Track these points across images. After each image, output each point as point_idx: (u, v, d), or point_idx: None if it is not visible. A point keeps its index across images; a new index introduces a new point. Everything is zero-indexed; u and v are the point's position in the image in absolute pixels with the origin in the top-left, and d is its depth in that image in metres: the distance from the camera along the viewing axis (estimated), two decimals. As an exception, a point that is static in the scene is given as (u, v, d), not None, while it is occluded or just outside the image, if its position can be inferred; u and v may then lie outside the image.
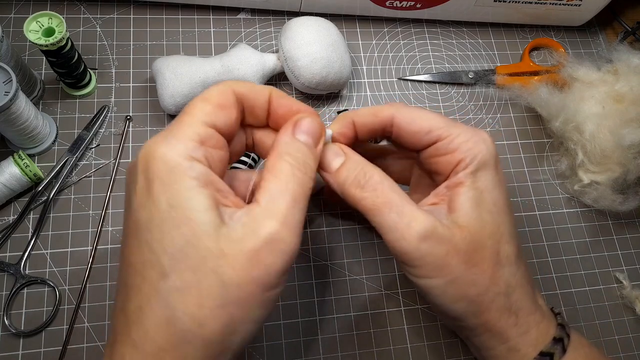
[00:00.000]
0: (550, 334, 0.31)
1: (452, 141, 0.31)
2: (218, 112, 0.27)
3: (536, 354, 0.30)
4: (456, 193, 0.30)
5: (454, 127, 0.31)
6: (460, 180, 0.30)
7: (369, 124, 0.33)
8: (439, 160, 0.32)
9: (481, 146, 0.31)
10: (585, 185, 0.46)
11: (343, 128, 0.33)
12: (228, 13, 0.50)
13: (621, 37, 0.56)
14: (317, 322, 0.40)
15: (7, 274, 0.38)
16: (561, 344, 0.31)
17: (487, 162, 0.31)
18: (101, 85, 0.45)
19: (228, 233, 0.24)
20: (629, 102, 0.44)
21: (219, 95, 0.28)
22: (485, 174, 0.31)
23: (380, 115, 0.32)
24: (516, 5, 0.51)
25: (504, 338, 0.31)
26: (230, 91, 0.28)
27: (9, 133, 0.39)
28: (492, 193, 0.31)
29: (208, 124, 0.26)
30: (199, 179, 0.25)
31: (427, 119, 0.31)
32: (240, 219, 0.25)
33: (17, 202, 0.40)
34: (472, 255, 0.29)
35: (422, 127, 0.31)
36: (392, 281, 0.42)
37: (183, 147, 0.25)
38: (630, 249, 0.47)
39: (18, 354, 0.36)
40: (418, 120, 0.32)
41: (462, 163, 0.30)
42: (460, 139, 0.31)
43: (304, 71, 0.43)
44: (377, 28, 0.53)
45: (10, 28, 0.46)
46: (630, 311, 0.45)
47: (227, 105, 0.28)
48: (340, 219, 0.44)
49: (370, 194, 0.30)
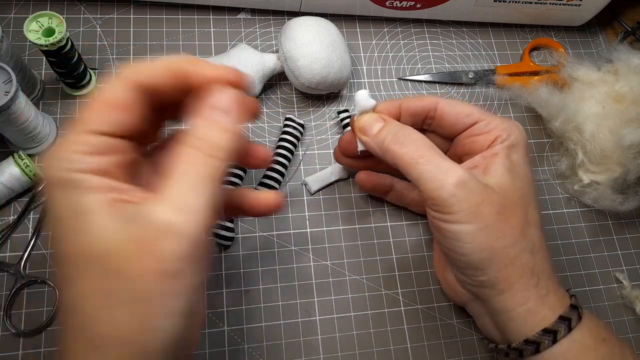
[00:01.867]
0: (566, 301, 0.34)
1: (489, 123, 0.36)
2: (109, 116, 0.24)
3: (555, 318, 0.32)
4: (492, 161, 0.34)
5: (489, 115, 0.36)
6: (496, 152, 0.35)
7: (413, 107, 0.37)
8: (476, 140, 0.36)
9: (514, 129, 0.36)
10: (585, 185, 0.46)
11: (387, 105, 0.37)
12: (228, 13, 0.50)
13: (621, 37, 0.56)
14: (317, 322, 0.40)
15: (7, 274, 0.38)
16: (577, 312, 0.33)
17: (519, 143, 0.35)
18: (101, 85, 0.45)
19: (126, 228, 0.23)
20: (629, 102, 0.44)
21: (110, 94, 0.24)
22: (517, 151, 0.35)
23: (426, 102, 0.37)
24: (516, 5, 0.51)
25: (525, 299, 0.32)
26: (126, 86, 0.25)
27: (9, 133, 0.39)
28: (522, 167, 0.35)
29: (98, 131, 0.24)
30: (92, 187, 0.23)
31: (466, 106, 0.37)
32: (140, 211, 0.23)
33: (17, 202, 0.40)
34: (505, 209, 0.33)
35: (463, 110, 0.37)
36: (392, 281, 0.43)
37: (70, 161, 0.23)
38: (630, 249, 0.47)
39: (18, 354, 0.36)
40: (459, 106, 0.37)
41: (499, 139, 0.35)
42: (496, 122, 0.36)
43: (304, 71, 0.43)
44: (377, 28, 0.53)
45: (10, 28, 0.46)
46: (630, 311, 0.45)
47: (121, 105, 0.24)
48: (340, 219, 0.44)
49: (409, 148, 0.33)
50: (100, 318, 0.23)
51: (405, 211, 0.45)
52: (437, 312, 0.42)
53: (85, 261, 0.23)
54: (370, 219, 0.44)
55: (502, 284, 0.33)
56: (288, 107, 0.48)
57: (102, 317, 0.23)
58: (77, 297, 0.23)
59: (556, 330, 0.32)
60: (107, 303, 0.23)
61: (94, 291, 0.23)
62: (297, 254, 0.42)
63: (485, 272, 0.33)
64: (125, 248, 0.23)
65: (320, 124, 0.47)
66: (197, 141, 0.25)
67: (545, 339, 0.32)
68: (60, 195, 0.23)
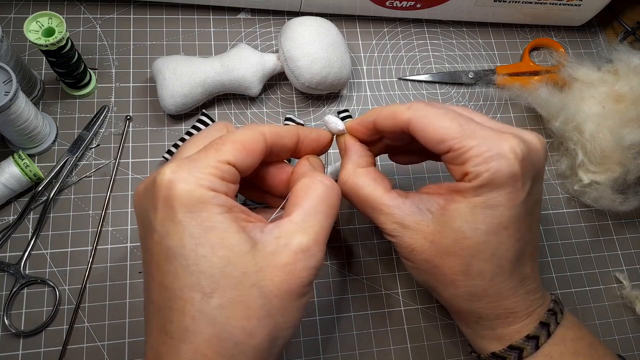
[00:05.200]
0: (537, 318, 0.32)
1: (462, 154, 0.29)
2: (244, 155, 0.29)
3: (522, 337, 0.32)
4: (451, 199, 0.31)
5: (469, 139, 0.29)
6: (460, 190, 0.30)
7: (389, 126, 0.33)
8: (451, 168, 0.31)
9: (492, 163, 0.28)
10: (585, 185, 0.46)
11: (358, 125, 0.35)
12: (228, 13, 0.50)
13: (621, 37, 0.56)
14: (317, 322, 0.40)
15: (7, 274, 0.38)
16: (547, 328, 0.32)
17: (495, 181, 0.29)
18: (101, 85, 0.45)
19: (262, 248, 0.27)
20: (629, 102, 0.44)
21: (250, 140, 0.29)
22: (490, 192, 0.29)
23: (398, 120, 0.32)
24: (516, 5, 0.51)
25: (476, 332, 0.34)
26: (262, 139, 0.30)
27: (9, 133, 0.39)
28: (490, 211, 0.29)
29: (230, 163, 0.28)
30: (224, 206, 0.26)
31: (441, 127, 0.30)
32: (271, 232, 0.27)
33: (17, 202, 0.40)
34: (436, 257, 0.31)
35: (435, 136, 0.30)
36: (392, 281, 0.43)
37: (206, 179, 0.26)
38: (630, 249, 0.47)
39: (18, 354, 0.36)
40: (432, 127, 0.30)
41: (468, 176, 0.29)
42: (471, 153, 0.29)
43: (304, 71, 0.43)
44: (377, 28, 0.53)
45: (10, 28, 0.46)
46: (630, 311, 0.45)
47: (254, 151, 0.29)
48: (340, 219, 0.44)
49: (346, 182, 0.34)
50: (237, 327, 0.25)
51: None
52: (437, 312, 0.42)
53: (230, 278, 0.26)
54: (370, 219, 0.44)
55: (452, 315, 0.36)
56: (288, 107, 0.48)
57: (240, 326, 0.25)
58: (209, 309, 0.25)
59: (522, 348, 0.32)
60: (247, 314, 0.25)
61: (233, 304, 0.25)
62: (297, 254, 0.42)
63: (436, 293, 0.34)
64: (268, 269, 0.26)
65: (320, 124, 0.47)
66: (327, 182, 0.30)
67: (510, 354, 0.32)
68: (188, 208, 0.26)
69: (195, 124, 0.44)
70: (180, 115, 0.45)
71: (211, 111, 0.46)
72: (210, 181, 0.26)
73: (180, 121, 0.45)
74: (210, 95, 0.44)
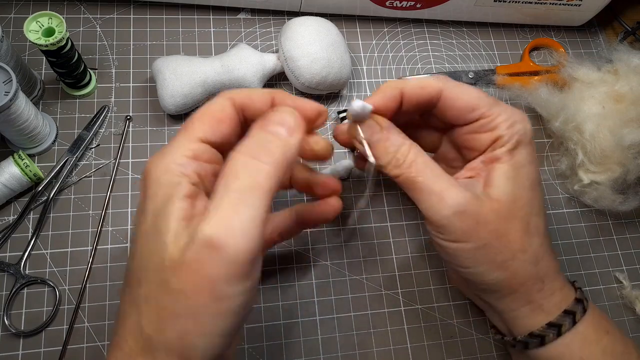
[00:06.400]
0: (572, 296, 0.34)
1: (493, 120, 0.32)
2: (214, 126, 0.27)
3: (560, 312, 0.33)
4: (493, 169, 0.32)
5: (495, 106, 0.32)
6: (498, 157, 0.32)
7: (416, 96, 0.33)
8: (478, 137, 0.33)
9: (519, 126, 0.32)
10: (585, 185, 0.46)
11: (388, 100, 0.33)
12: (228, 13, 0.50)
13: (621, 37, 0.56)
14: (317, 322, 0.40)
15: (7, 274, 0.38)
16: (582, 305, 0.33)
17: (523, 141, 0.32)
18: (101, 85, 0.45)
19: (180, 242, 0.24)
20: (629, 102, 0.44)
21: (216, 109, 0.28)
22: (521, 152, 0.32)
23: (429, 89, 0.33)
24: (516, 5, 0.51)
25: (528, 301, 0.33)
26: (228, 103, 0.28)
27: (9, 133, 0.39)
28: (526, 168, 0.32)
29: (202, 140, 0.27)
30: (183, 193, 0.25)
31: (472, 96, 0.33)
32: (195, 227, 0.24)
33: (17, 202, 0.40)
34: (502, 225, 0.31)
35: (469, 104, 0.32)
36: (392, 281, 0.43)
37: (173, 163, 0.26)
38: (630, 249, 0.47)
39: (18, 354, 0.36)
40: (465, 96, 0.33)
41: (500, 140, 0.32)
42: (500, 119, 0.32)
43: (304, 71, 0.43)
44: (377, 28, 0.53)
45: (10, 28, 0.46)
46: (630, 311, 0.45)
47: (223, 119, 0.28)
48: (340, 219, 0.44)
49: (405, 170, 0.31)
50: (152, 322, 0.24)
51: (405, 211, 0.45)
52: (437, 312, 0.42)
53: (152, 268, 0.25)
54: (370, 219, 0.44)
55: (504, 291, 0.33)
56: (288, 107, 0.48)
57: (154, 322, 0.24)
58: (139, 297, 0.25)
59: (560, 324, 0.32)
60: (158, 311, 0.24)
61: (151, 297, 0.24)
62: (297, 254, 0.42)
63: (485, 281, 0.33)
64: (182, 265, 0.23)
65: (320, 124, 0.47)
66: (244, 147, 0.25)
67: (549, 332, 0.33)
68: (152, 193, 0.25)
69: None
70: (180, 115, 0.45)
71: (211, 111, 0.46)
72: (181, 163, 0.26)
73: (180, 121, 0.45)
74: (211, 95, 0.44)
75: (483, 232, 0.31)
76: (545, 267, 0.33)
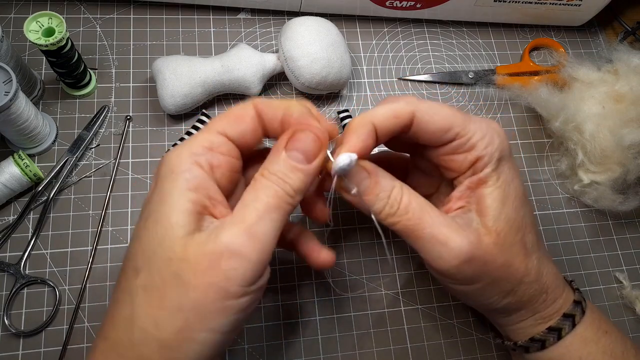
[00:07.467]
0: (570, 299, 0.34)
1: (469, 140, 0.30)
2: (232, 122, 0.29)
3: (560, 316, 0.33)
4: (483, 195, 0.31)
5: (469, 123, 0.30)
6: (483, 180, 0.31)
7: (391, 126, 0.30)
8: (456, 158, 0.31)
9: (496, 141, 0.30)
10: (585, 185, 0.46)
11: (365, 140, 0.29)
12: (228, 13, 0.50)
13: (621, 37, 0.56)
14: (317, 322, 0.40)
15: (7, 274, 0.38)
16: (580, 306, 0.34)
17: (504, 156, 0.31)
18: (101, 85, 0.45)
19: (197, 238, 0.25)
20: (629, 102, 0.44)
21: (239, 109, 0.29)
22: (504, 169, 0.31)
23: (402, 116, 0.30)
24: (516, 5, 0.51)
25: (534, 312, 0.33)
26: (250, 105, 0.29)
27: (9, 133, 0.39)
28: (513, 184, 0.31)
29: (220, 132, 0.28)
30: (191, 182, 0.26)
31: (445, 116, 0.30)
32: (212, 224, 0.26)
33: (17, 202, 0.40)
34: (506, 257, 0.30)
35: (442, 125, 0.30)
36: (392, 281, 0.43)
37: (187, 151, 0.27)
38: (630, 249, 0.47)
39: (18, 354, 0.36)
40: (437, 118, 0.30)
41: (481, 162, 0.30)
42: (476, 137, 0.30)
43: (304, 71, 0.43)
44: (377, 28, 0.53)
45: (10, 28, 0.46)
46: (630, 311, 0.45)
47: (243, 117, 0.29)
48: (340, 220, 0.44)
49: (403, 218, 0.29)
50: (148, 314, 0.24)
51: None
52: (437, 312, 0.42)
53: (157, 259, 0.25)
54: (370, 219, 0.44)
55: (510, 311, 0.34)
56: (288, 107, 0.48)
57: (150, 314, 0.24)
58: (135, 287, 0.25)
59: (561, 328, 0.33)
60: (159, 302, 0.24)
61: (152, 287, 0.24)
62: (297, 254, 0.42)
63: (494, 308, 0.33)
64: (197, 260, 0.24)
65: (320, 124, 0.47)
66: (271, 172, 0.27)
67: (550, 336, 0.33)
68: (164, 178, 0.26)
69: (195, 124, 0.44)
70: (180, 115, 0.45)
71: (211, 111, 0.46)
72: (195, 152, 0.27)
73: (180, 121, 0.45)
74: (210, 95, 0.44)
75: (492, 270, 0.30)
76: (546, 277, 0.33)
